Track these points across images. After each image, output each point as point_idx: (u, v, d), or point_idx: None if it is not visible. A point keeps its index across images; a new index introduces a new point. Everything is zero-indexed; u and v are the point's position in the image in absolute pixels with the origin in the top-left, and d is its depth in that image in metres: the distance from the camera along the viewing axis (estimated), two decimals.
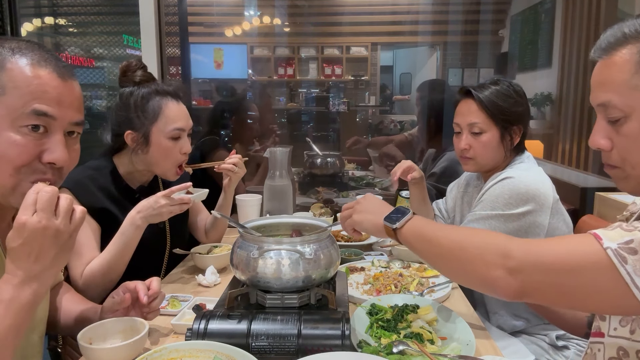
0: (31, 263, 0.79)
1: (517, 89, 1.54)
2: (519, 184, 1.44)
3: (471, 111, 1.53)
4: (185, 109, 1.53)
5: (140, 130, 1.47)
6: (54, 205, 0.80)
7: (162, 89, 1.49)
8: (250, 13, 6.11)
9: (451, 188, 1.82)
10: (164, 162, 1.50)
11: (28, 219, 0.78)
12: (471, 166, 1.58)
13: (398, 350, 1.00)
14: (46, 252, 0.80)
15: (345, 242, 1.84)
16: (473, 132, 1.53)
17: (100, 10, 4.15)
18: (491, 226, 1.45)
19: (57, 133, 0.88)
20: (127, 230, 1.36)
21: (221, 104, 3.02)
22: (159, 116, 1.46)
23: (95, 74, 4.31)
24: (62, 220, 0.80)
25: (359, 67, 7.09)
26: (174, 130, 1.48)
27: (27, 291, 0.80)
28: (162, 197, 1.36)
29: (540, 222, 1.43)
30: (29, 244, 0.79)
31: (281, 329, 0.97)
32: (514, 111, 1.51)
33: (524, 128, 1.53)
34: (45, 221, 0.79)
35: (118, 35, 3.94)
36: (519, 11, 5.02)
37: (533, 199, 1.42)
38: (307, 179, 2.79)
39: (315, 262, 1.05)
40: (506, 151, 1.53)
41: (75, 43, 4.25)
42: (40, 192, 0.80)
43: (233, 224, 1.18)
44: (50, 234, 0.79)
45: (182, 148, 1.50)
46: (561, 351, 1.50)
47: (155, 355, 0.90)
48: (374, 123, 6.09)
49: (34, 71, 0.85)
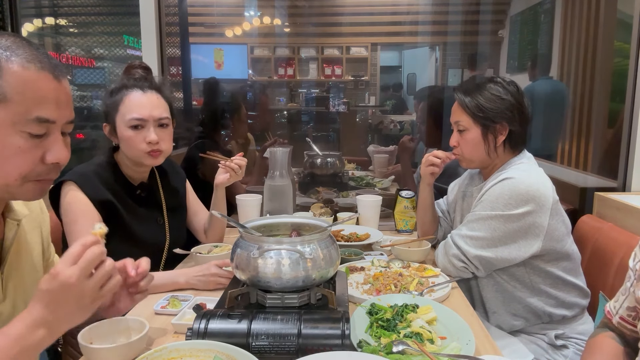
0: (48, 311, 0.81)
1: (507, 86, 1.53)
2: (519, 185, 1.44)
3: (456, 110, 1.58)
4: (153, 99, 1.50)
5: (110, 122, 1.52)
6: (93, 267, 0.82)
7: (130, 81, 1.51)
8: (250, 13, 6.12)
9: (452, 187, 1.83)
10: (130, 152, 1.51)
11: (64, 270, 0.80)
12: (462, 162, 1.62)
13: (398, 350, 1.00)
14: (64, 306, 0.81)
15: (345, 242, 1.84)
16: (459, 130, 1.57)
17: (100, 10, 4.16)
18: (491, 226, 1.45)
19: (55, 133, 0.89)
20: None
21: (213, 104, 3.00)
22: (119, 106, 1.49)
23: (95, 74, 4.31)
24: (92, 285, 0.82)
25: (359, 68, 7.09)
26: (131, 120, 1.47)
27: (35, 335, 0.81)
28: (214, 266, 1.43)
29: (540, 222, 1.44)
30: (54, 293, 0.80)
31: (281, 328, 0.98)
32: (494, 109, 1.50)
33: (510, 126, 1.51)
34: (75, 279, 0.80)
35: (118, 36, 3.95)
36: (519, 12, 5.02)
37: (533, 200, 1.42)
38: (307, 179, 2.79)
39: (315, 262, 1.05)
40: (489, 150, 1.54)
41: (75, 43, 4.25)
42: (89, 250, 0.81)
43: (233, 224, 1.18)
44: (76, 292, 0.80)
45: (147, 137, 1.47)
46: (560, 350, 1.50)
47: (155, 355, 0.90)
48: (374, 123, 6.09)
49: (32, 74, 0.84)
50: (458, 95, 1.56)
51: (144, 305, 1.31)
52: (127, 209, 1.52)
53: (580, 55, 3.49)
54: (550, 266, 1.50)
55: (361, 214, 2.05)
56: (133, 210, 1.54)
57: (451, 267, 1.52)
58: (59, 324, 0.83)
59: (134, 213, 1.54)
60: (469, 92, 1.54)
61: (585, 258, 1.65)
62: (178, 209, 1.73)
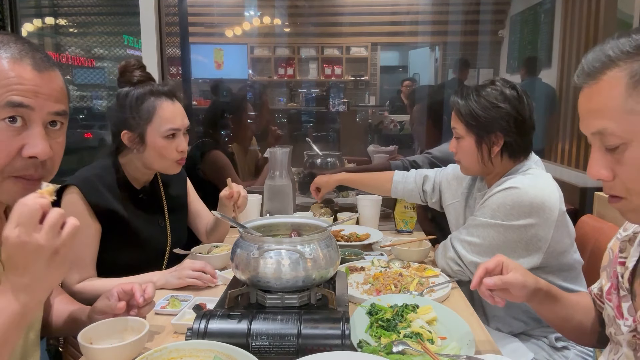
0: (18, 276, 0.79)
1: (506, 92, 1.44)
2: (523, 196, 1.37)
3: (453, 115, 1.54)
4: (180, 108, 1.54)
5: (135, 131, 1.48)
6: (35, 220, 0.78)
7: (156, 89, 1.51)
8: (250, 13, 6.11)
9: (452, 169, 1.77)
10: (160, 161, 1.52)
11: (9, 233, 0.77)
12: (462, 169, 1.59)
13: (398, 350, 1.00)
14: (31, 266, 0.78)
15: (345, 242, 1.84)
16: (456, 137, 1.54)
17: (100, 10, 4.16)
18: (489, 234, 1.42)
19: (36, 126, 0.87)
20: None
21: (218, 104, 3.01)
22: (154, 117, 1.48)
23: (95, 74, 4.32)
24: (45, 236, 0.78)
25: (359, 68, 7.10)
26: (168, 130, 1.49)
27: (15, 303, 0.79)
28: (190, 262, 1.45)
29: (543, 236, 1.38)
30: (13, 257, 0.78)
31: (281, 328, 0.98)
32: (487, 118, 1.43)
33: (505, 137, 1.44)
34: (24, 236, 0.77)
35: (118, 36, 3.95)
36: (519, 11, 5.02)
37: (537, 213, 1.37)
38: (307, 179, 2.79)
39: (315, 262, 1.05)
40: (483, 159, 1.47)
41: (75, 43, 4.26)
42: (21, 205, 0.78)
43: (233, 224, 1.18)
44: (30, 248, 0.77)
45: (179, 146, 1.52)
46: (561, 352, 1.49)
47: (155, 355, 0.90)
48: (374, 123, 6.09)
49: (9, 65, 0.84)
50: (454, 101, 1.51)
51: None
52: (130, 212, 1.51)
53: (580, 55, 3.49)
54: (551, 276, 1.44)
55: (361, 214, 2.04)
56: (135, 213, 1.54)
57: (448, 269, 1.52)
58: (36, 284, 0.80)
59: (137, 216, 1.53)
60: (464, 98, 1.48)
61: (585, 258, 1.65)
62: (179, 210, 1.73)
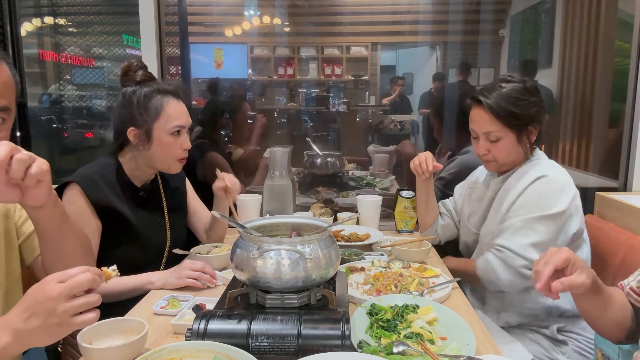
0: (22, 319, 0.80)
1: (529, 87, 1.54)
2: (555, 180, 1.49)
3: (484, 120, 1.53)
4: (184, 107, 1.57)
5: (142, 127, 1.51)
6: (79, 290, 0.80)
7: (163, 88, 1.54)
8: (250, 13, 6.11)
9: (457, 188, 1.84)
10: (165, 158, 1.54)
11: (50, 282, 0.79)
12: (492, 166, 1.62)
13: (398, 350, 1.00)
14: (36, 317, 0.80)
15: (346, 242, 1.83)
16: (490, 140, 1.54)
17: (100, 10, 4.15)
18: (547, 227, 1.46)
19: None
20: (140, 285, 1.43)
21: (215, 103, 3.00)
22: (161, 114, 1.51)
23: (95, 74, 4.31)
24: (68, 309, 0.80)
25: (359, 67, 7.08)
26: (175, 127, 1.52)
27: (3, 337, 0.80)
28: (189, 262, 1.46)
29: (580, 205, 1.52)
30: (33, 299, 0.80)
31: (281, 329, 0.97)
32: (527, 113, 1.51)
33: (539, 125, 1.55)
34: (56, 294, 0.79)
35: (118, 35, 3.95)
36: (519, 11, 5.02)
37: (569, 185, 1.50)
38: (307, 179, 2.78)
39: (315, 262, 1.05)
40: (525, 150, 1.57)
41: (75, 43, 4.25)
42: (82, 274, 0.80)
43: (233, 224, 1.18)
44: (49, 307, 0.79)
45: (183, 144, 1.55)
46: (559, 347, 1.50)
47: (155, 355, 0.90)
48: (374, 123, 6.08)
49: None
50: (487, 106, 1.51)
51: (144, 305, 1.32)
52: (130, 211, 1.52)
53: (581, 55, 3.49)
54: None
55: (361, 214, 2.04)
56: (135, 212, 1.55)
57: (519, 279, 1.47)
58: (25, 336, 0.81)
59: (137, 214, 1.54)
60: (499, 100, 1.51)
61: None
62: (179, 209, 1.74)
